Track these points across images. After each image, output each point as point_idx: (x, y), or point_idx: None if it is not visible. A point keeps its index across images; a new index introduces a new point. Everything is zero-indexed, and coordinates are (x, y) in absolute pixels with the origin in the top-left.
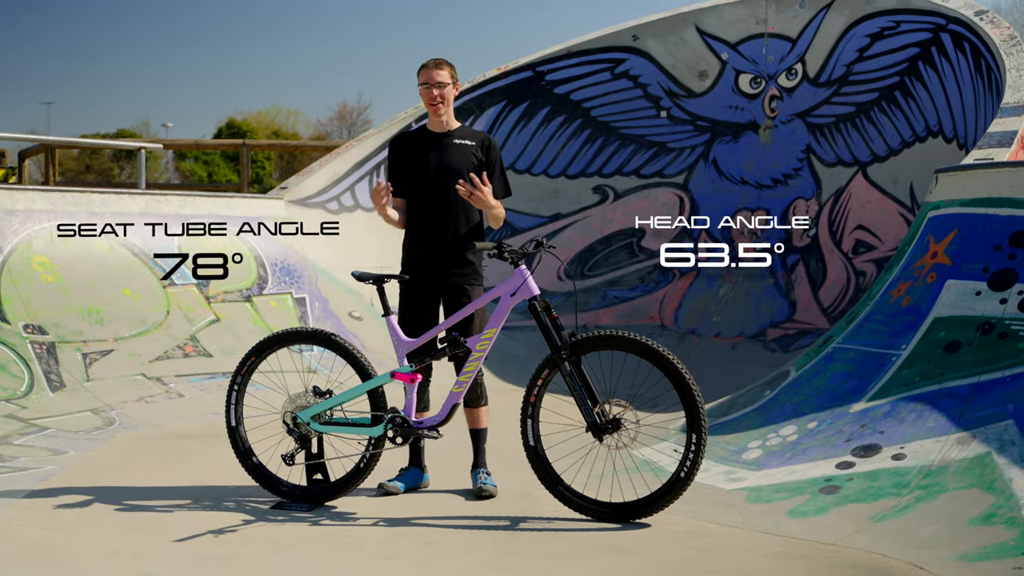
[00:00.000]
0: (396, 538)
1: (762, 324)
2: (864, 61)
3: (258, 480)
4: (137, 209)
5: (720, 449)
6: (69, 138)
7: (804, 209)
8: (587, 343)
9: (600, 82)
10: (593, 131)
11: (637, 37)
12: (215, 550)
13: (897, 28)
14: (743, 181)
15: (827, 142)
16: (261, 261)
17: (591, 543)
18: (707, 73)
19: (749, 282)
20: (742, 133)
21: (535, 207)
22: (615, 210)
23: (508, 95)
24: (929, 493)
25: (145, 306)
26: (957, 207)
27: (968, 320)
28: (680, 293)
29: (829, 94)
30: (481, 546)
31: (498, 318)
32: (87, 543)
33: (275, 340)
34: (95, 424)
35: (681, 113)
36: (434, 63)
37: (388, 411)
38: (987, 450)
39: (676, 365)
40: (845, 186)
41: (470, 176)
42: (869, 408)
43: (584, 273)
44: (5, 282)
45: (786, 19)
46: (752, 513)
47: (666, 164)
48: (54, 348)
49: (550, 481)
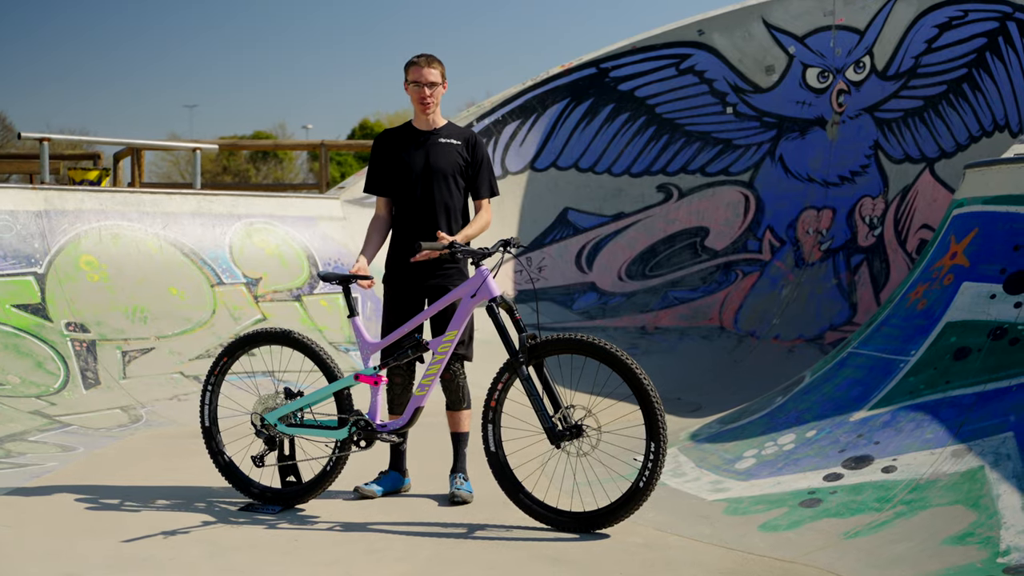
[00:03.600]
0: (341, 544)
1: (821, 327)
2: (932, 53)
3: (230, 481)
4: (189, 209)
5: (716, 458)
6: (136, 140)
7: (870, 208)
8: (545, 347)
9: (665, 78)
10: (658, 128)
11: (703, 31)
12: (156, 552)
13: (965, 17)
14: (809, 179)
15: (895, 137)
16: (314, 260)
17: (534, 554)
18: (774, 67)
19: (813, 283)
20: (809, 129)
21: (598, 206)
22: (679, 209)
23: (571, 92)
24: (911, 509)
25: (191, 305)
26: (979, 205)
27: (980, 325)
28: (742, 294)
29: (897, 87)
30: (421, 554)
31: (459, 320)
32: (37, 542)
33: (245, 341)
34: (120, 421)
35: (747, 109)
36: (425, 60)
37: (353, 414)
38: (980, 464)
39: (635, 371)
40: (912, 183)
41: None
42: (869, 417)
43: (646, 273)
44: (51, 281)
45: (854, 10)
46: (723, 526)
47: (732, 162)
48: (94, 346)
49: (511, 488)
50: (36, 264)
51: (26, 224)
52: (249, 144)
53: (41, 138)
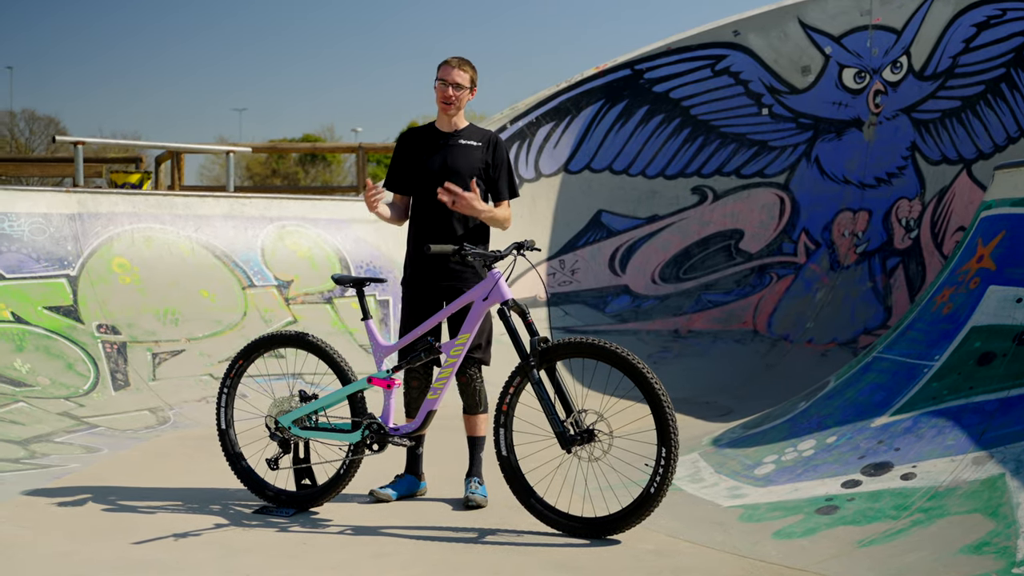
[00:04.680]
0: (349, 547)
1: (855, 331)
2: (970, 52)
3: (246, 483)
4: (221, 212)
5: (736, 463)
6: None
7: (907, 210)
8: (556, 350)
9: (700, 79)
10: (693, 130)
11: (738, 32)
12: (164, 554)
13: (1003, 16)
14: (845, 180)
15: (932, 139)
16: (346, 263)
17: (543, 560)
18: (810, 68)
19: (848, 286)
20: (846, 130)
21: (632, 209)
22: (713, 211)
23: (606, 94)
24: (929, 517)
25: (222, 307)
26: (1008, 207)
27: (1005, 330)
28: (777, 297)
29: (934, 88)
30: (428, 559)
31: (471, 323)
32: (50, 543)
33: (260, 344)
34: (148, 423)
35: (783, 110)
36: (457, 61)
37: (366, 417)
38: (1002, 472)
39: (647, 375)
40: (949, 185)
41: (446, 186)
42: (891, 423)
43: (679, 276)
44: (83, 283)
45: (891, 9)
46: (737, 533)
47: (767, 163)
48: (125, 348)
49: (523, 493)
50: (69, 266)
51: (59, 227)
52: (288, 147)
53: (75, 142)
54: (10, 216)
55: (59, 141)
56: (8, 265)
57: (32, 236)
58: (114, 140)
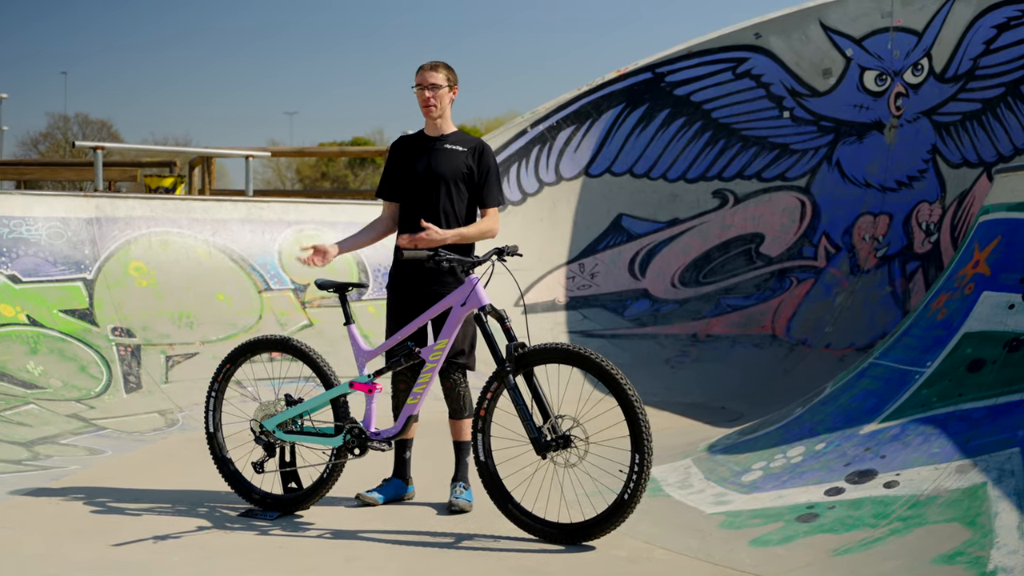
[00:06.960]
0: (324, 551)
1: (873, 335)
2: (991, 54)
3: (233, 487)
4: (239, 216)
5: (725, 470)
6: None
7: (927, 213)
8: (532, 356)
9: (721, 82)
10: (714, 133)
11: (759, 35)
12: (142, 556)
13: (1022, 17)
14: (867, 184)
15: (953, 141)
16: (364, 267)
17: (514, 565)
18: (831, 71)
19: (867, 291)
20: (867, 133)
21: (652, 212)
22: (734, 215)
23: (627, 97)
24: (907, 526)
25: (237, 310)
26: (1004, 212)
27: (996, 336)
28: (796, 301)
29: (955, 90)
30: (397, 564)
31: (450, 328)
32: (29, 544)
33: (246, 348)
34: (156, 425)
35: (804, 113)
36: (430, 65)
37: (348, 422)
38: (984, 480)
39: (621, 381)
40: (969, 188)
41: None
42: (879, 430)
43: (699, 280)
44: (100, 287)
45: (912, 11)
46: (714, 540)
47: (788, 167)
48: (139, 351)
49: (500, 498)
50: (86, 270)
51: (77, 231)
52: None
53: (95, 146)
54: (28, 220)
55: (79, 146)
56: (25, 269)
57: (50, 240)
58: (131, 145)
